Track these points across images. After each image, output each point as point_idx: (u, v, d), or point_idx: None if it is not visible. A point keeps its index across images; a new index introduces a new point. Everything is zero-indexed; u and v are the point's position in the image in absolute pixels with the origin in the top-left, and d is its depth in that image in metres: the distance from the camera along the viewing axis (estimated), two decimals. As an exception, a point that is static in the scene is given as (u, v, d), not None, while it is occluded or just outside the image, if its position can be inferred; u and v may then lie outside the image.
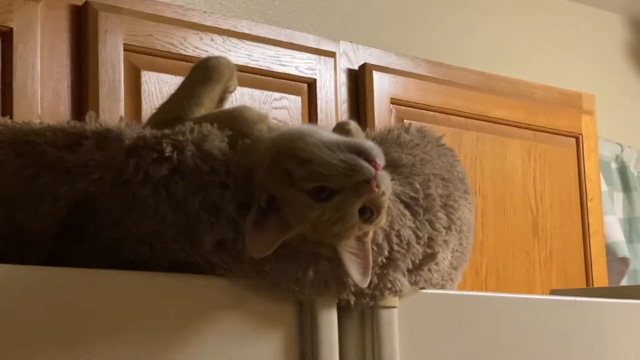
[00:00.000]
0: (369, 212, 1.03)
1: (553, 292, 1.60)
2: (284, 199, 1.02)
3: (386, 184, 1.03)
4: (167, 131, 1.05)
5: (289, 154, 1.02)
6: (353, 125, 1.24)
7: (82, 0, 2.08)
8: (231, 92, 1.29)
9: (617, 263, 3.24)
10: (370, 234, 1.07)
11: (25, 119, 1.85)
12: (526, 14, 3.70)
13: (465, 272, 1.33)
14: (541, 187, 2.83)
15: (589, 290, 2.18)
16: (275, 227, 1.02)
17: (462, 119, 2.70)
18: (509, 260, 2.71)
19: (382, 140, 1.25)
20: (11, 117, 1.85)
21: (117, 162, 1.03)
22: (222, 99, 1.27)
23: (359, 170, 1.00)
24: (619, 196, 3.65)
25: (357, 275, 1.05)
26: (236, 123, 1.11)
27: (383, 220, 1.07)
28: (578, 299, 1.42)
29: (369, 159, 1.01)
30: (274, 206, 1.02)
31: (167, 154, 1.03)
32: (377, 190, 1.01)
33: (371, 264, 1.07)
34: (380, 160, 1.02)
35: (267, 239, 1.01)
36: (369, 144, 1.04)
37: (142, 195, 1.03)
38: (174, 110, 1.21)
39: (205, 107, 1.21)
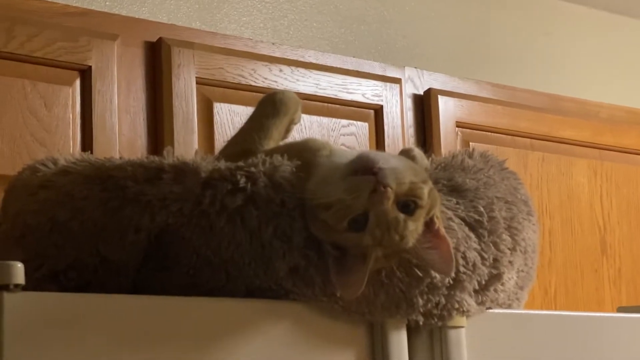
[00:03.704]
0: (411, 204, 1.05)
1: (620, 309, 1.60)
2: (338, 243, 1.06)
3: (393, 176, 1.04)
4: (240, 163, 1.09)
5: (318, 206, 1.06)
6: (416, 151, 1.27)
7: (156, 37, 2.13)
8: (296, 123, 1.33)
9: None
10: (438, 222, 1.09)
11: (104, 152, 1.94)
12: (589, 33, 3.68)
13: (534, 291, 1.34)
14: (608, 205, 2.80)
15: (659, 307, 2.16)
16: (354, 266, 1.06)
17: (528, 140, 2.69)
18: (577, 278, 2.68)
19: (446, 165, 1.28)
20: (92, 151, 1.95)
21: (195, 194, 1.07)
22: (287, 130, 1.31)
23: (362, 188, 1.03)
24: (688, 211, 3.60)
25: (440, 265, 1.08)
26: (303, 153, 1.15)
27: (436, 205, 1.09)
28: (645, 315, 1.42)
29: (368, 167, 1.04)
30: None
31: (241, 185, 1.07)
32: (387, 189, 1.03)
33: (451, 249, 1.08)
34: (378, 161, 1.05)
35: (353, 279, 1.05)
36: (363, 156, 1.07)
37: (219, 225, 1.07)
38: (245, 143, 1.25)
39: (274, 139, 1.26)
